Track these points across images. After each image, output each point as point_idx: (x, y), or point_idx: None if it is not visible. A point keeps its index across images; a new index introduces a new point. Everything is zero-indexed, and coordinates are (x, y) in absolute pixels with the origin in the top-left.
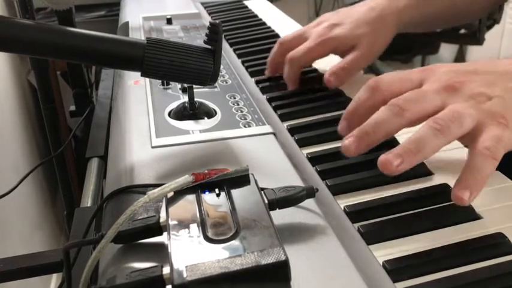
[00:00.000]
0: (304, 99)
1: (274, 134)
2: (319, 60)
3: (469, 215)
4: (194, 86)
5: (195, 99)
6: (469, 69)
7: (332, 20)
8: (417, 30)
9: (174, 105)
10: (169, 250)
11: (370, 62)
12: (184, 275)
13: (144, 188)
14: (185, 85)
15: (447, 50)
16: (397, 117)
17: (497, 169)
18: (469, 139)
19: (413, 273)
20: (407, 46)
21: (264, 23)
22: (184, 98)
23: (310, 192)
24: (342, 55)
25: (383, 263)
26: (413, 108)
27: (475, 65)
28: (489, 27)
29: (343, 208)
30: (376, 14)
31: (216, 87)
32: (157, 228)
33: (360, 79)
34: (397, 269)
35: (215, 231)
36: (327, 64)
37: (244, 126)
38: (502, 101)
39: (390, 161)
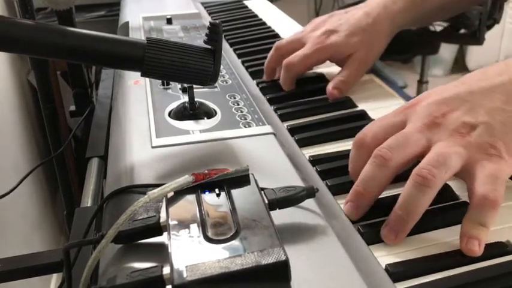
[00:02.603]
0: (304, 100)
1: (274, 134)
2: None
3: None
4: (194, 86)
5: (195, 99)
6: (452, 94)
7: (328, 25)
8: (412, 27)
9: (174, 105)
10: (169, 250)
11: (367, 70)
12: (185, 275)
13: (144, 188)
14: (185, 85)
15: (447, 50)
16: (382, 168)
17: None
18: (463, 176)
19: (414, 273)
20: (407, 46)
21: (264, 23)
22: (184, 98)
23: (310, 192)
24: (338, 62)
25: (386, 265)
26: (396, 155)
27: (459, 86)
28: (489, 27)
29: (343, 208)
30: (371, 20)
31: (216, 87)
32: (158, 228)
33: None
34: (398, 269)
35: (215, 231)
36: (325, 65)
37: (244, 126)
38: (488, 128)
39: (387, 237)
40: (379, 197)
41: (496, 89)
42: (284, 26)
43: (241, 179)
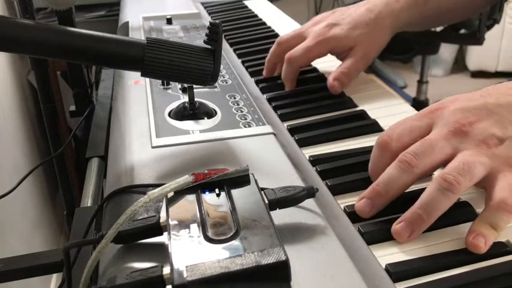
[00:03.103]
0: (304, 99)
1: (274, 134)
2: (319, 59)
3: (469, 215)
4: (194, 86)
5: (195, 99)
6: (479, 104)
7: (330, 19)
8: (415, 29)
9: (174, 105)
10: (169, 250)
11: (369, 64)
12: (185, 275)
13: (144, 188)
14: (185, 85)
15: (447, 50)
16: (406, 173)
17: None
18: (483, 185)
19: (413, 273)
20: (407, 46)
21: (264, 23)
22: (184, 98)
23: (310, 192)
24: (339, 55)
25: (386, 265)
26: (421, 162)
27: (486, 97)
28: (489, 27)
29: (343, 208)
30: (373, 15)
31: (216, 87)
32: (158, 228)
33: (360, 78)
34: (398, 269)
35: (215, 231)
36: (325, 61)
37: (244, 126)
38: None
39: (401, 234)
40: None
41: None
42: (284, 26)
43: (241, 179)
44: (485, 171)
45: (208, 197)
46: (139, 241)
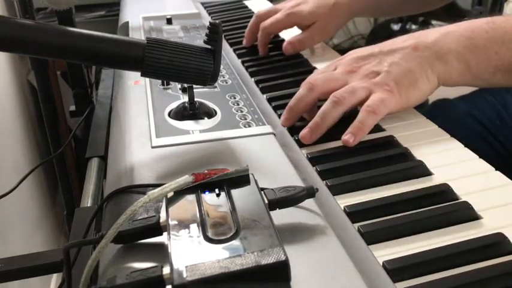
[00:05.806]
0: None
1: (274, 134)
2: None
3: (469, 215)
4: (194, 86)
5: (195, 99)
6: (370, 53)
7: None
8: (371, 16)
9: (174, 105)
10: (169, 250)
11: (324, 39)
12: (184, 275)
13: (144, 188)
14: (185, 85)
15: None
16: (310, 92)
17: (498, 169)
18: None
19: (413, 273)
20: None
21: None
22: (184, 98)
23: (310, 192)
24: (303, 29)
25: (383, 263)
26: (322, 85)
27: (375, 48)
28: None
29: (343, 208)
30: (332, 2)
31: (216, 87)
32: (157, 228)
33: None
34: (397, 268)
35: (215, 231)
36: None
37: (244, 126)
38: (388, 74)
39: (305, 137)
40: (379, 197)
41: (397, 50)
42: None
43: (241, 179)
44: (366, 93)
45: (208, 197)
46: (139, 241)
